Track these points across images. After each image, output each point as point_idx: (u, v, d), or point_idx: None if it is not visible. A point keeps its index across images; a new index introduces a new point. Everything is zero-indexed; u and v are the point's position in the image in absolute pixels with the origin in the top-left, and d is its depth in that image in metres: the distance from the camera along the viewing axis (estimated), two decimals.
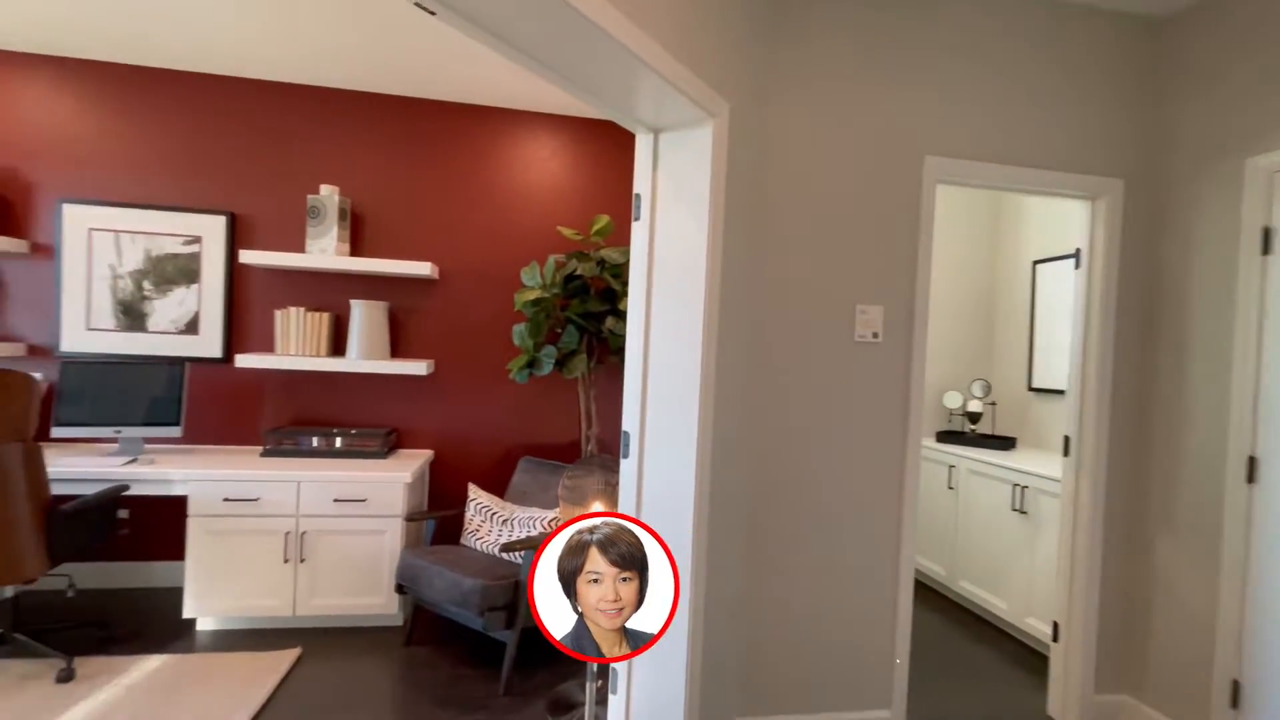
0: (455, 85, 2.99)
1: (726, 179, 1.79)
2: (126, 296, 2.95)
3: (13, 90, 2.85)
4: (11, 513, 2.05)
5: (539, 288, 2.93)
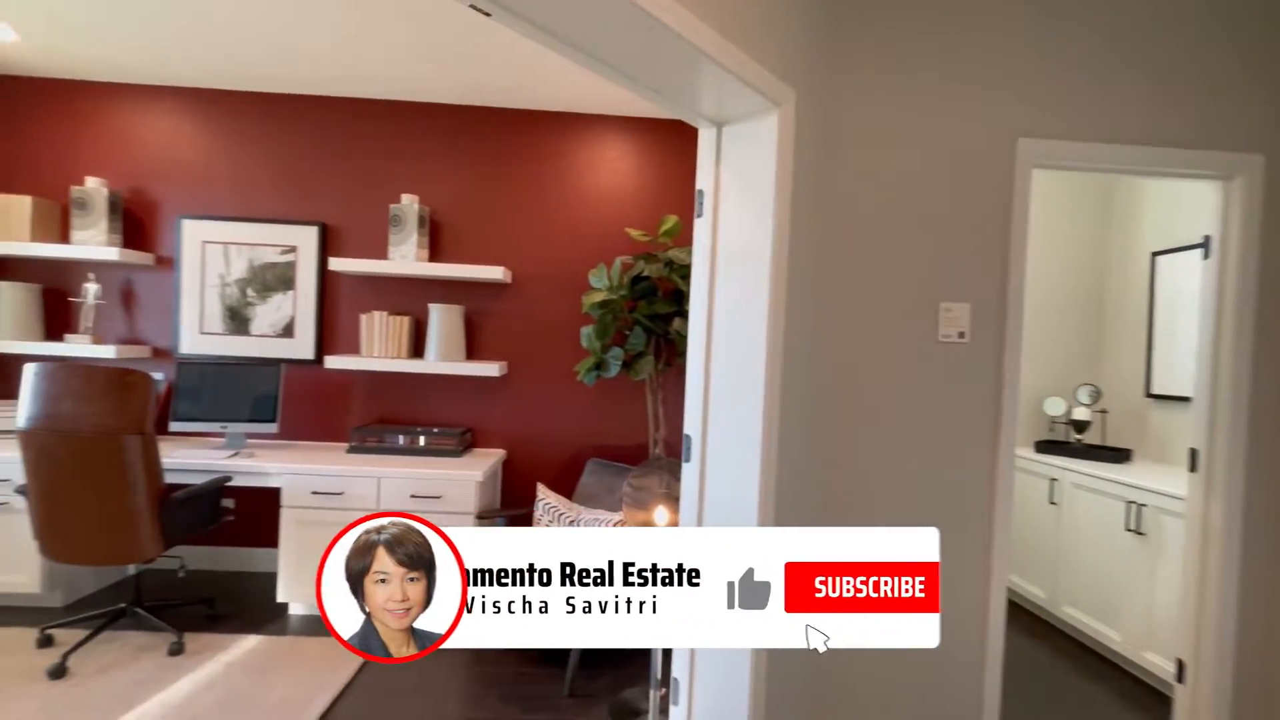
0: (527, 94, 3.05)
1: (793, 170, 1.70)
2: (233, 303, 3.21)
3: (140, 119, 3.17)
4: (132, 499, 2.27)
5: (606, 290, 2.93)
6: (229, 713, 2.05)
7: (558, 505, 2.79)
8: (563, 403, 3.27)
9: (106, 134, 3.17)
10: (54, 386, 2.19)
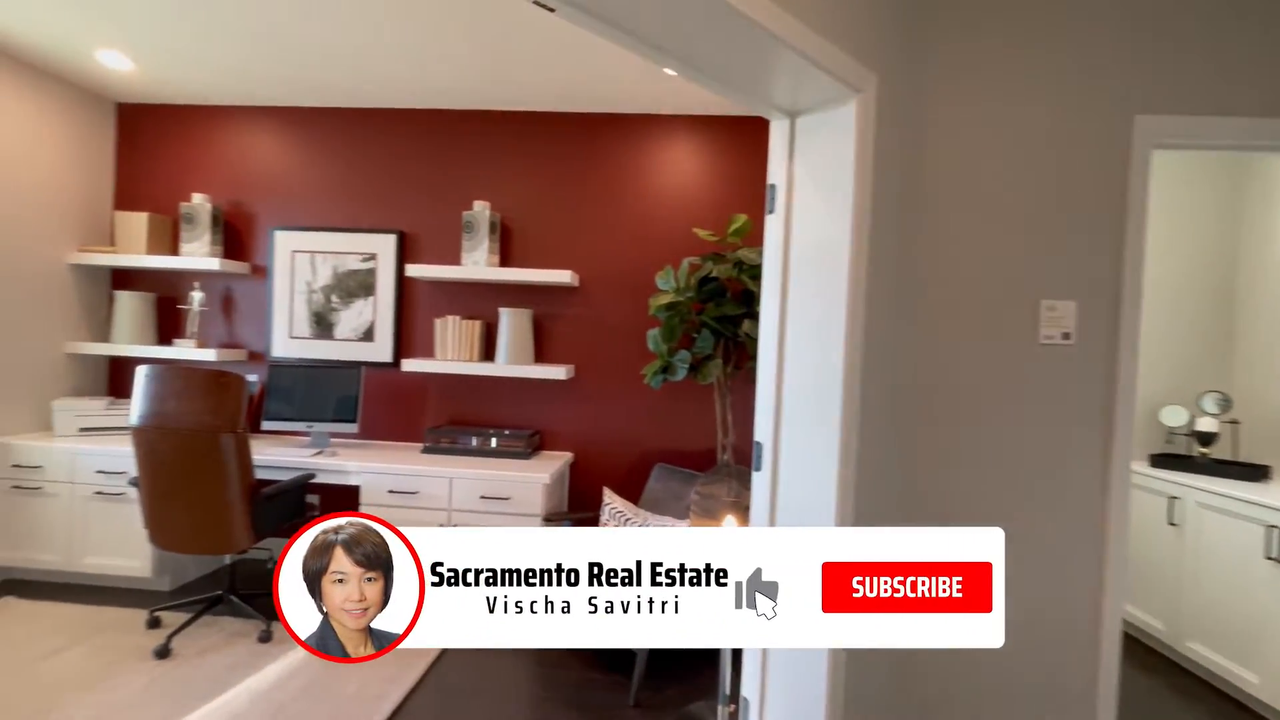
0: (593, 98, 3.05)
1: (874, 160, 1.58)
2: (318, 308, 3.38)
3: (238, 139, 3.40)
4: (226, 492, 2.41)
5: (673, 292, 2.87)
6: (309, 700, 2.13)
7: (624, 510, 2.75)
8: (629, 406, 3.24)
9: (210, 153, 3.42)
10: (160, 387, 2.36)
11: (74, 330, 3.28)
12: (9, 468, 2.89)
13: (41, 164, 3.08)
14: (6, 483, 2.90)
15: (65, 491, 2.88)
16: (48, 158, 3.11)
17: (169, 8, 2.41)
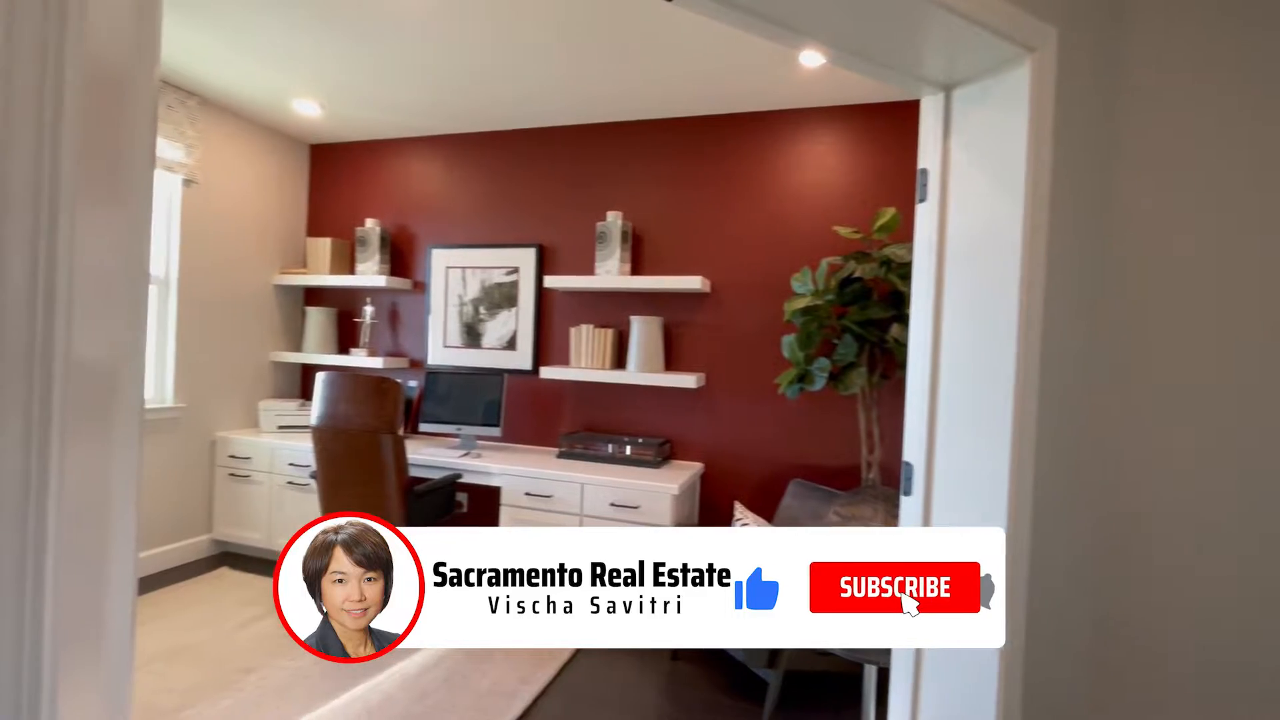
0: (723, 98, 2.96)
1: (1054, 133, 1.33)
2: (469, 319, 3.63)
3: (403, 167, 3.76)
4: (385, 488, 2.64)
5: (810, 295, 2.68)
6: (449, 690, 2.24)
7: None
8: (763, 417, 3.09)
9: (379, 182, 3.82)
10: (333, 392, 2.64)
11: (276, 341, 3.82)
12: (226, 458, 3.43)
13: (255, 200, 3.63)
14: (224, 470, 3.43)
15: (266, 480, 3.34)
16: (259, 194, 3.66)
17: (349, 58, 2.72)
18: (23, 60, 0.56)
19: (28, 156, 0.55)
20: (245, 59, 2.83)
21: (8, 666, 0.55)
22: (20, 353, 0.53)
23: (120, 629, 0.69)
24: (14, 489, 0.53)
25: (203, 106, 3.29)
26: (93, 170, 0.61)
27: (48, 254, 0.55)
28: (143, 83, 0.72)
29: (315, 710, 2.09)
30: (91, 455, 0.59)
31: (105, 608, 0.66)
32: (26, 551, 0.54)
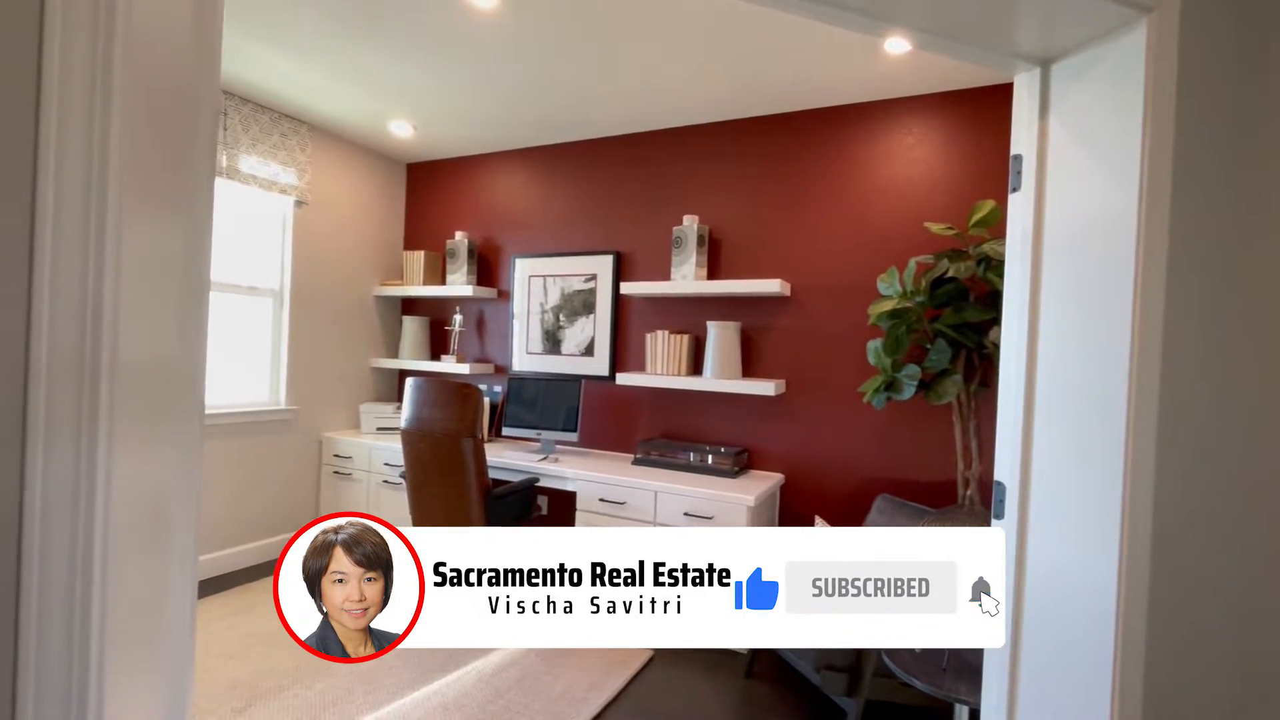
0: (801, 94, 2.84)
1: (1177, 107, 1.15)
2: (549, 326, 3.71)
3: (489, 181, 3.92)
4: (467, 490, 2.74)
5: (897, 296, 2.51)
6: (522, 691, 2.28)
7: None
8: (848, 427, 2.92)
9: (467, 196, 4.00)
10: (420, 396, 2.78)
11: (376, 348, 4.09)
12: (331, 456, 3.70)
13: (357, 217, 3.92)
14: (330, 468, 3.71)
15: (365, 478, 3.58)
16: (361, 212, 3.94)
17: (436, 80, 2.87)
18: (75, 72, 0.60)
19: (79, 164, 0.59)
20: (348, 88, 3.05)
21: (58, 662, 0.59)
22: (71, 357, 0.57)
23: (179, 626, 0.73)
24: (64, 490, 0.57)
25: (312, 133, 3.59)
26: (146, 179, 0.66)
27: (96, 260, 0.59)
28: (204, 96, 0.77)
29: (397, 700, 2.19)
30: (143, 457, 0.64)
31: (162, 605, 0.70)
32: (76, 552, 0.58)
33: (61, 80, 0.60)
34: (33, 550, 0.58)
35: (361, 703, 2.17)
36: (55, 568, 0.57)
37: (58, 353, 0.57)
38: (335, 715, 2.10)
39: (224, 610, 2.81)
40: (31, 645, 0.60)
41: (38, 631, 0.60)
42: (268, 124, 3.35)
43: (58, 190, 0.58)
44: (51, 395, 0.57)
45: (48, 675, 0.62)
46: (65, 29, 0.60)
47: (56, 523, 0.57)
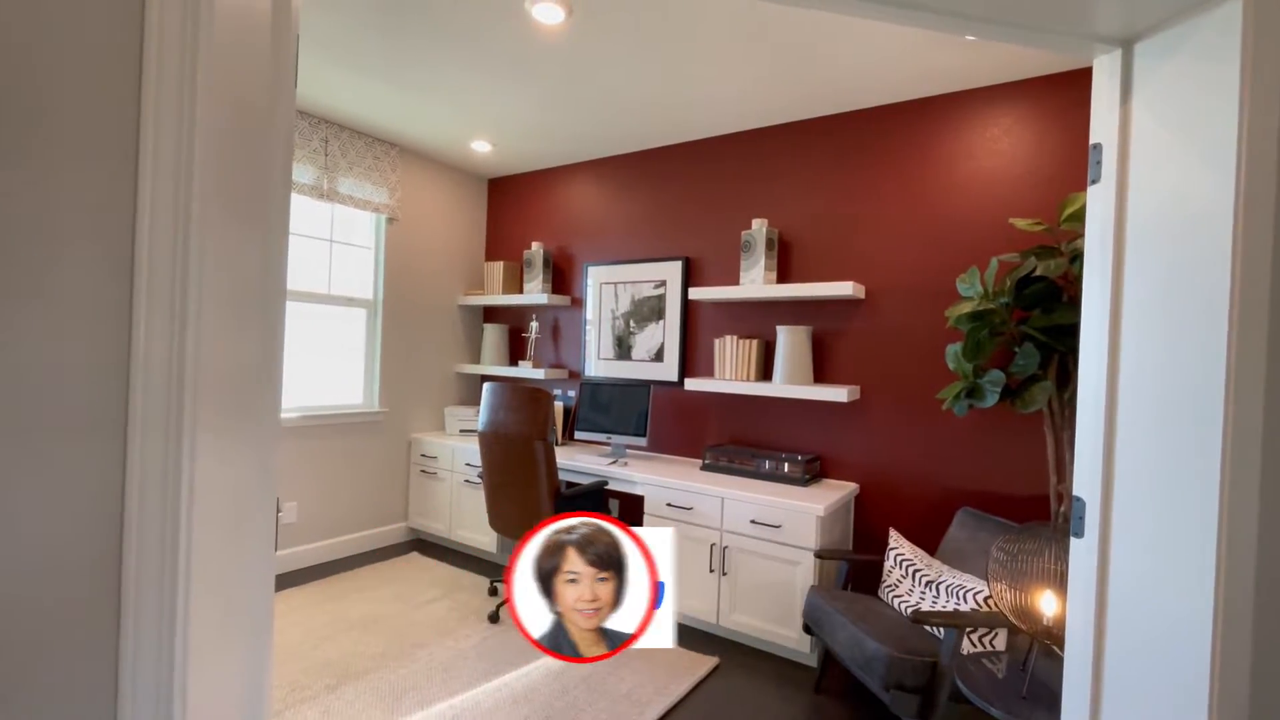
0: (873, 90, 2.75)
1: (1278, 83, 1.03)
2: (620, 333, 3.78)
3: (563, 192, 4.05)
4: (538, 491, 2.84)
5: (978, 298, 2.36)
6: (587, 689, 2.33)
7: (912, 559, 2.35)
8: (926, 435, 2.78)
9: (542, 208, 4.15)
10: (495, 400, 2.91)
11: (459, 354, 4.32)
12: (419, 456, 3.94)
13: (443, 231, 4.16)
14: (417, 467, 3.95)
15: (448, 477, 3.78)
16: (447, 226, 4.19)
17: (512, 102, 3.02)
18: (166, 100, 0.70)
19: (168, 180, 0.69)
20: (432, 110, 3.26)
21: (149, 650, 0.69)
22: (162, 362, 0.66)
23: (256, 617, 0.82)
24: (155, 489, 0.67)
25: (402, 155, 3.86)
26: (229, 193, 0.75)
27: (182, 269, 0.69)
28: (280, 115, 0.86)
29: (471, 690, 2.30)
30: (222, 459, 0.73)
31: (238, 598, 0.79)
32: (165, 551, 0.67)
33: (157, 103, 0.70)
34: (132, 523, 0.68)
35: (439, 689, 2.30)
36: (149, 541, 0.67)
37: (152, 358, 0.66)
38: (415, 698, 2.23)
39: (321, 596, 3.07)
40: (131, 597, 0.70)
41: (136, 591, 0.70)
42: (362, 148, 3.64)
43: (153, 207, 0.68)
44: (148, 396, 0.66)
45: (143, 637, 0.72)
46: (161, 62, 0.69)
47: (151, 504, 0.67)
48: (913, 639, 2.01)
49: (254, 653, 0.84)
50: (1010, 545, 1.69)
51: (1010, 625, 1.68)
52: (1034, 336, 2.28)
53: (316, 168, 3.42)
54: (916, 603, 2.22)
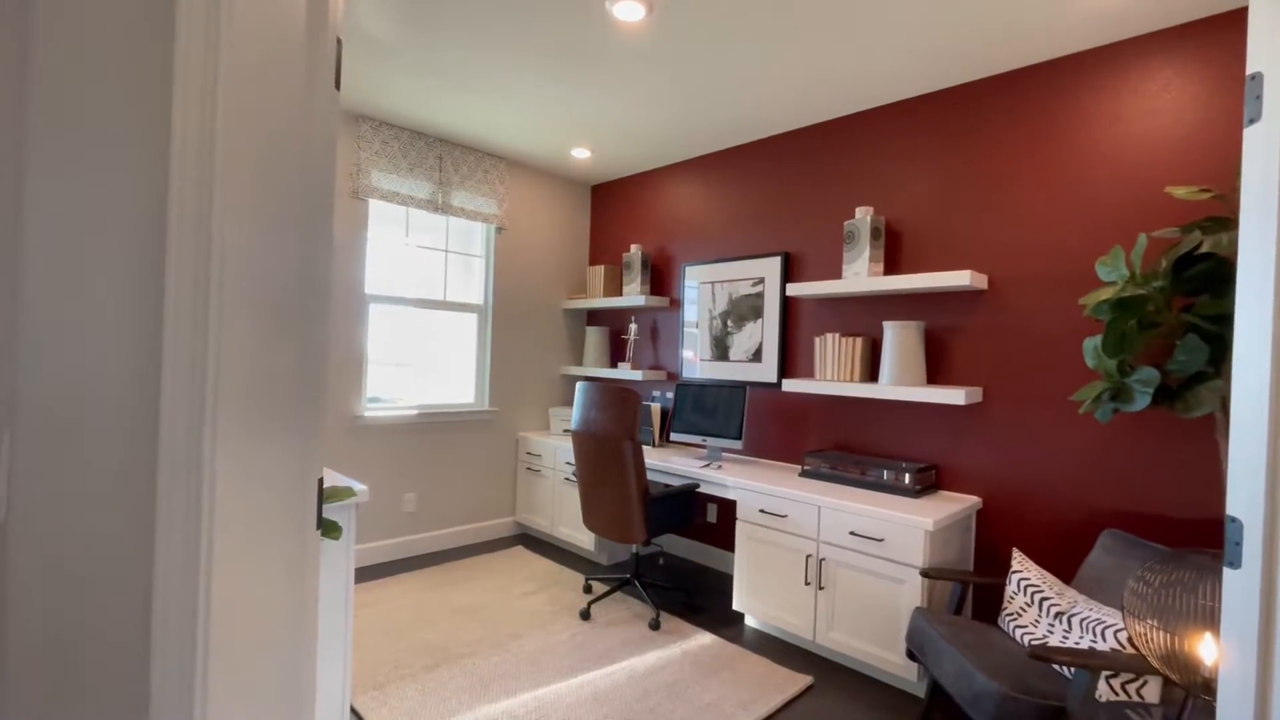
0: (998, 53, 2.44)
1: None
2: (717, 333, 3.69)
3: (663, 193, 4.05)
4: (628, 491, 2.83)
5: (1123, 281, 2.01)
6: (670, 696, 2.27)
7: (1039, 585, 2.05)
8: (1062, 443, 2.41)
9: (641, 210, 4.17)
10: (586, 399, 2.95)
11: (563, 357, 4.45)
12: (525, 454, 4.11)
13: (549, 238, 4.33)
14: (524, 465, 4.12)
15: (551, 475, 3.90)
16: (553, 232, 4.35)
17: (606, 106, 3.06)
18: (190, 105, 0.76)
19: (192, 186, 0.74)
20: (531, 120, 3.40)
21: (173, 678, 0.75)
22: (185, 363, 0.72)
23: (293, 652, 0.86)
24: (180, 487, 0.72)
25: (509, 167, 4.06)
26: (255, 200, 0.80)
27: (204, 276, 0.74)
28: (319, 120, 0.91)
29: (554, 684, 2.34)
30: (249, 475, 0.77)
31: (263, 630, 0.83)
32: (193, 552, 0.72)
33: (184, 108, 0.76)
34: (158, 518, 0.74)
35: (526, 679, 2.35)
36: (174, 561, 0.73)
37: (179, 365, 0.72)
38: (502, 686, 2.30)
39: (432, 582, 3.28)
40: (160, 583, 0.77)
41: (164, 579, 0.76)
42: (473, 163, 3.87)
43: (180, 217, 0.74)
44: (175, 407, 0.72)
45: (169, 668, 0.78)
46: (186, 62, 0.76)
47: (176, 497, 0.73)
48: (1032, 677, 1.73)
49: (289, 689, 0.88)
50: (1154, 575, 1.40)
51: (1154, 672, 1.39)
52: (1199, 326, 1.90)
53: (432, 183, 3.69)
54: (1043, 636, 1.92)
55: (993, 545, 2.58)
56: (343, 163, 3.37)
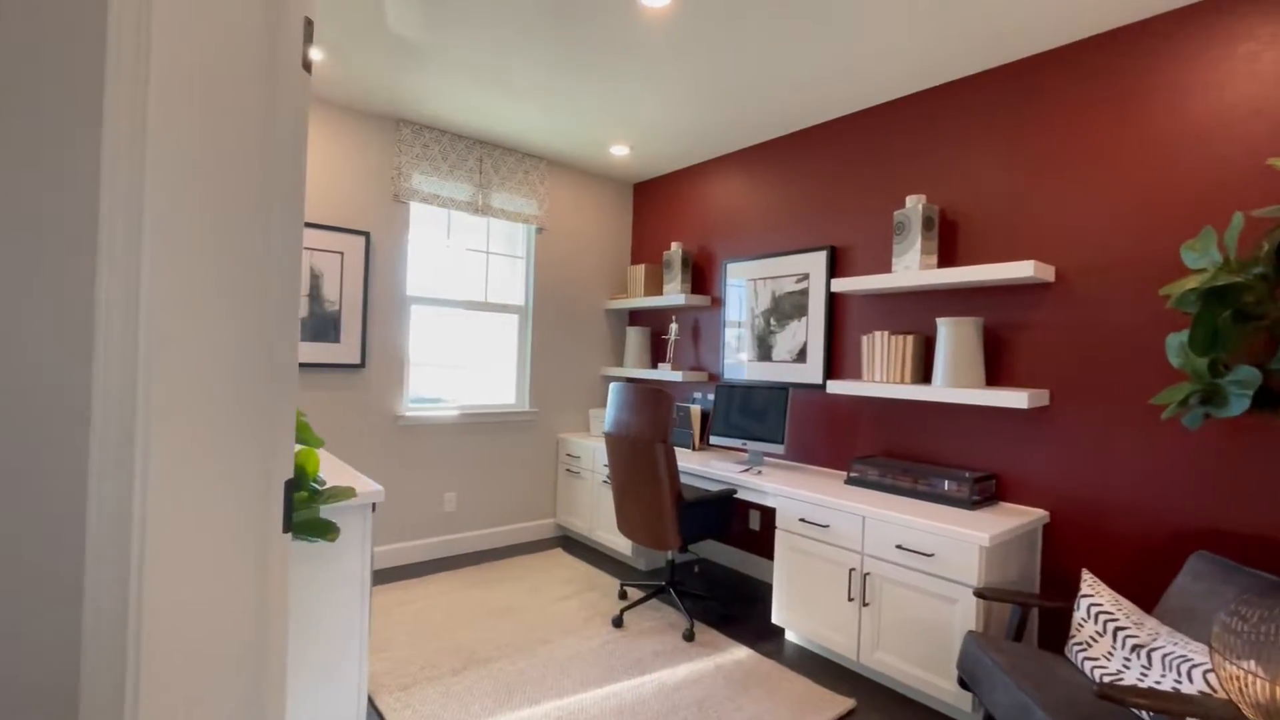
0: (1062, 25, 2.21)
1: None
2: (759, 332, 3.54)
3: (703, 189, 3.93)
4: (659, 493, 2.73)
5: (1214, 269, 1.76)
6: (699, 712, 2.15)
7: (1113, 612, 1.82)
8: (1142, 453, 2.15)
9: (682, 207, 4.07)
10: (619, 400, 2.88)
11: (604, 357, 4.40)
12: (565, 455, 4.08)
13: (590, 238, 4.29)
14: (564, 466, 4.08)
15: (590, 477, 3.85)
16: (594, 232, 4.31)
17: (641, 98, 2.99)
18: (122, 88, 0.73)
19: (124, 176, 0.71)
20: (567, 118, 3.37)
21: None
22: (117, 357, 0.68)
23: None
24: (110, 483, 0.69)
25: (549, 167, 4.05)
26: (201, 182, 0.76)
27: (135, 273, 0.70)
28: (282, 110, 0.87)
29: (579, 694, 2.26)
30: (209, 455, 0.73)
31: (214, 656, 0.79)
32: (123, 553, 0.69)
33: (116, 92, 0.73)
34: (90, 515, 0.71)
35: (551, 687, 2.29)
36: (104, 535, 0.69)
37: (111, 359, 0.69)
38: (526, 693, 2.25)
39: (468, 582, 3.28)
40: (90, 570, 0.73)
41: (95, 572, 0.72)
42: (513, 164, 3.88)
43: (111, 211, 0.71)
44: (107, 394, 0.69)
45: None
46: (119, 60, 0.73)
47: (106, 491, 0.69)
48: (1104, 715, 1.52)
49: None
50: (1253, 609, 1.19)
51: None
52: None
53: (472, 185, 3.71)
54: (1117, 671, 1.69)
55: (1061, 565, 2.33)
56: (383, 167, 3.43)
